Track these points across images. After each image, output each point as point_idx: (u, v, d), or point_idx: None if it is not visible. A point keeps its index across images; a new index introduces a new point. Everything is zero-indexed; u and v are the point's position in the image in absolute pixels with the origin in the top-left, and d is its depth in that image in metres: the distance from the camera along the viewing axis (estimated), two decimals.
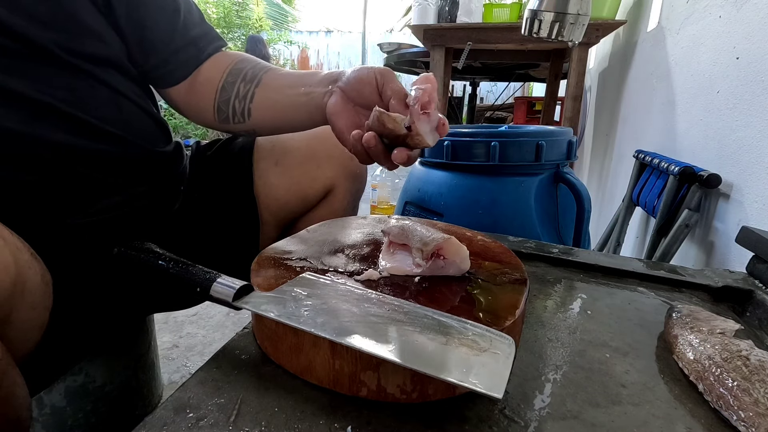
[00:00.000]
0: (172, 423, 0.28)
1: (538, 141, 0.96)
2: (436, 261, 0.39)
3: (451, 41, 1.83)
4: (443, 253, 0.39)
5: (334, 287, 0.35)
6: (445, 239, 0.40)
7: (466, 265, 0.40)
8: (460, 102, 3.79)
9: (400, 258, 0.42)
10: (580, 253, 0.62)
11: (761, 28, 0.90)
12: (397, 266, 0.41)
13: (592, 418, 0.30)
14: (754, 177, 0.89)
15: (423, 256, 0.39)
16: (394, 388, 0.30)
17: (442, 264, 0.40)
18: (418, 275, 0.40)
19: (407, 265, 0.40)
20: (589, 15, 0.83)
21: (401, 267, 0.40)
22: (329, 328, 0.29)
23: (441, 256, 0.39)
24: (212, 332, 1.12)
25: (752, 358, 0.34)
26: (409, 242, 0.41)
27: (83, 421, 0.66)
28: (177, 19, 0.54)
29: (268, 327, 0.34)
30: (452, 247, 0.40)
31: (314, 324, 0.30)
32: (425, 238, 0.40)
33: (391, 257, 0.42)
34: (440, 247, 0.39)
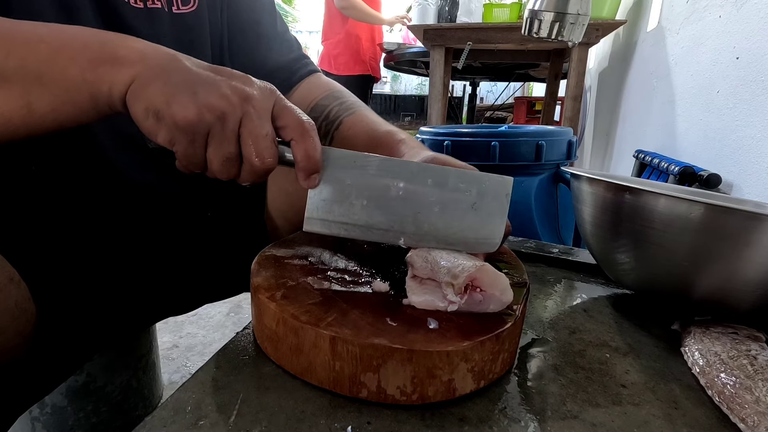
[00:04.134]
0: (172, 423, 0.28)
1: (538, 141, 0.96)
2: (473, 295, 0.33)
3: (451, 41, 1.83)
4: (479, 285, 0.33)
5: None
6: (477, 267, 0.33)
7: (508, 296, 0.34)
8: (460, 102, 3.79)
9: (430, 290, 0.35)
10: (580, 253, 0.62)
11: (761, 28, 0.90)
12: (427, 301, 0.34)
13: (592, 418, 0.30)
14: (754, 177, 0.89)
15: (455, 291, 0.33)
16: (394, 390, 0.30)
17: (480, 298, 0.34)
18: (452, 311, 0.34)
19: (439, 300, 0.34)
20: (589, 15, 0.83)
21: (432, 302, 0.34)
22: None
23: (477, 288, 0.33)
24: (212, 332, 1.12)
25: (760, 358, 0.35)
26: (435, 276, 0.35)
27: (84, 421, 0.66)
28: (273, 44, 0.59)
29: (268, 327, 0.34)
30: (488, 277, 0.33)
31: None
32: (454, 269, 0.34)
33: (420, 288, 0.35)
34: (474, 278, 0.33)
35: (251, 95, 0.32)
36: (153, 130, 0.31)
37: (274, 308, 0.32)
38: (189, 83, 0.30)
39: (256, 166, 0.33)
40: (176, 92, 0.30)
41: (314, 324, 0.30)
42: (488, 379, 0.32)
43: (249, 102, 0.31)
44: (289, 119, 0.33)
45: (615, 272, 0.48)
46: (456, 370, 0.30)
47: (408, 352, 0.29)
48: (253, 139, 0.32)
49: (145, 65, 0.30)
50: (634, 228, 0.42)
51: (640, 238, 0.41)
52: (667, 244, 0.39)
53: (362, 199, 0.37)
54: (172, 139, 0.31)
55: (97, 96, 0.30)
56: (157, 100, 0.30)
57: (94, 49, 0.30)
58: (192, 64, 0.32)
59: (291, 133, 0.34)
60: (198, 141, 0.31)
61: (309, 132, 0.34)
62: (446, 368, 0.30)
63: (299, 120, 0.34)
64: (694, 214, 0.37)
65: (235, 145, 0.32)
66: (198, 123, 0.30)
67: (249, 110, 0.31)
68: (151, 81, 0.30)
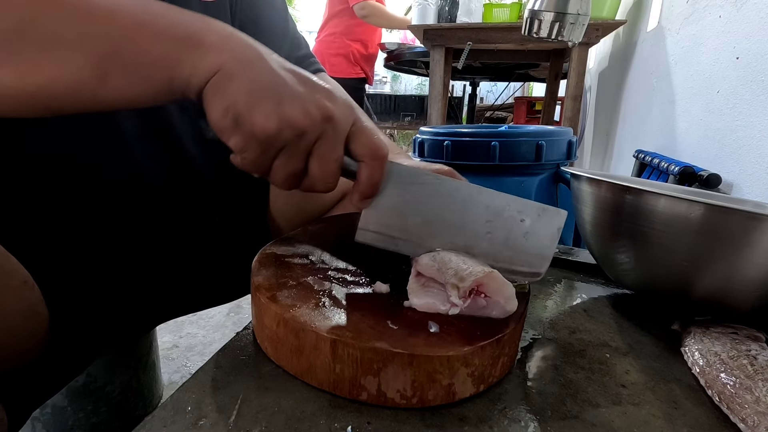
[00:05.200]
0: (172, 423, 0.28)
1: (538, 141, 0.96)
2: (477, 300, 0.33)
3: (451, 41, 1.83)
4: (484, 291, 0.33)
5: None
6: (486, 273, 0.33)
7: (512, 305, 0.33)
8: (460, 102, 3.79)
9: (432, 292, 0.35)
10: (580, 253, 0.62)
11: (761, 28, 0.90)
12: (429, 303, 0.34)
13: (592, 418, 0.30)
14: (754, 177, 0.89)
15: (459, 294, 0.33)
16: (394, 393, 0.30)
17: (484, 303, 0.34)
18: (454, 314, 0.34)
19: (441, 303, 0.34)
20: (589, 15, 0.83)
21: (434, 305, 0.34)
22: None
23: (482, 294, 0.33)
24: (212, 332, 1.12)
25: (760, 358, 0.35)
26: (441, 277, 0.35)
27: (84, 421, 0.66)
28: (284, 41, 0.59)
29: (269, 328, 0.34)
30: (495, 284, 0.33)
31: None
32: (461, 271, 0.33)
33: (422, 290, 0.35)
34: (480, 283, 0.33)
35: (333, 115, 0.31)
36: (227, 133, 0.29)
37: (275, 309, 0.32)
38: (275, 89, 0.29)
39: (317, 187, 0.33)
40: (261, 97, 0.28)
41: (315, 326, 0.30)
42: (488, 382, 0.32)
43: (329, 122, 0.30)
44: (364, 142, 0.33)
45: (615, 272, 0.48)
46: (456, 374, 0.30)
47: (409, 356, 0.29)
48: (323, 162, 0.31)
49: (233, 56, 0.29)
50: (634, 228, 0.42)
51: (640, 238, 0.41)
52: (667, 244, 0.39)
53: (417, 216, 0.37)
54: (245, 146, 0.30)
55: (175, 79, 0.29)
56: (239, 101, 0.28)
57: (179, 29, 0.29)
58: (277, 65, 0.30)
59: (363, 156, 0.33)
60: (270, 153, 0.30)
61: (380, 159, 0.33)
62: (446, 373, 0.29)
63: (374, 145, 0.33)
64: (694, 214, 0.37)
65: (304, 162, 0.31)
66: (276, 137, 0.29)
67: (327, 130, 0.31)
68: (236, 77, 0.28)
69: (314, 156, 0.31)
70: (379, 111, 3.93)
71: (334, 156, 0.32)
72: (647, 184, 0.64)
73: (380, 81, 4.82)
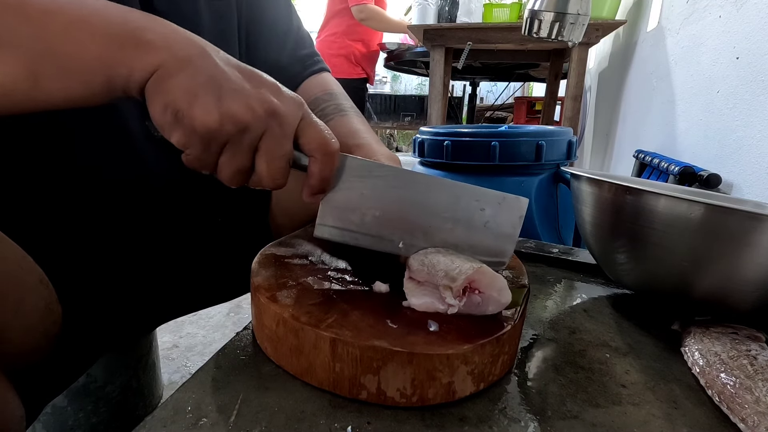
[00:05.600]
0: (172, 423, 0.28)
1: (538, 141, 0.96)
2: (472, 297, 0.33)
3: (451, 41, 1.83)
4: (477, 287, 0.33)
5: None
6: (475, 269, 0.33)
7: (506, 297, 0.34)
8: (460, 102, 3.79)
9: (429, 291, 0.35)
10: (580, 253, 0.62)
11: (761, 28, 0.90)
12: (427, 303, 0.34)
13: (592, 418, 0.30)
14: (754, 177, 0.89)
15: (454, 294, 0.33)
16: (394, 392, 0.30)
17: (479, 300, 0.34)
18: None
19: (439, 302, 0.34)
20: (589, 15, 0.83)
21: (432, 304, 0.34)
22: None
23: (476, 290, 0.33)
24: (212, 332, 1.12)
25: (760, 358, 0.35)
26: (432, 279, 0.35)
27: (84, 421, 0.66)
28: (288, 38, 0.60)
29: (269, 328, 0.34)
30: (486, 278, 0.33)
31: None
32: (451, 271, 0.33)
33: (419, 290, 0.35)
34: (472, 280, 0.33)
35: (278, 110, 0.30)
36: (168, 129, 0.29)
37: (274, 309, 0.32)
38: (216, 84, 0.29)
39: (265, 184, 0.32)
40: (201, 92, 0.28)
41: (314, 325, 0.30)
42: (488, 381, 0.32)
43: (274, 117, 0.30)
44: (313, 136, 0.32)
45: (615, 272, 0.48)
46: (456, 372, 0.30)
47: (408, 354, 0.29)
48: (269, 158, 0.31)
49: (172, 54, 0.28)
50: (634, 228, 0.42)
51: (640, 238, 0.41)
52: (667, 244, 0.39)
53: (375, 209, 0.37)
54: (187, 143, 0.29)
55: (114, 79, 0.28)
56: (179, 97, 0.28)
57: (117, 27, 0.28)
58: (221, 61, 0.30)
59: (312, 151, 0.33)
60: (213, 148, 0.30)
61: (330, 154, 0.33)
62: (446, 371, 0.30)
63: (323, 140, 0.33)
64: (694, 214, 0.37)
65: (250, 158, 0.31)
66: (217, 131, 0.29)
67: (273, 126, 0.30)
68: (176, 73, 0.28)
69: (260, 152, 0.31)
70: (379, 111, 3.93)
71: (281, 152, 0.31)
72: (647, 184, 0.64)
73: (380, 81, 4.81)
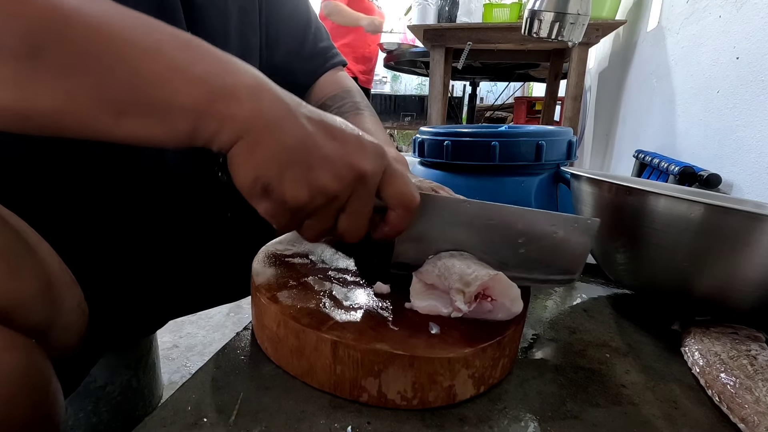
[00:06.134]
0: (172, 423, 0.28)
1: (538, 141, 0.96)
2: (483, 303, 0.33)
3: (451, 41, 1.83)
4: (490, 294, 0.33)
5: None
6: (491, 276, 0.32)
7: (518, 306, 0.33)
8: (460, 102, 3.79)
9: (435, 295, 0.35)
10: None
11: (761, 28, 0.90)
12: (431, 306, 0.34)
13: (592, 418, 0.30)
14: (754, 177, 0.89)
15: (465, 300, 0.32)
16: (395, 395, 0.30)
17: (490, 308, 0.33)
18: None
19: (443, 305, 0.34)
20: (589, 15, 0.83)
21: (436, 308, 0.34)
22: None
23: (488, 297, 0.33)
24: (212, 332, 1.12)
25: (760, 358, 0.35)
26: (443, 283, 0.34)
27: (84, 421, 0.66)
28: (309, 32, 0.60)
29: (269, 328, 0.34)
30: (501, 286, 0.33)
31: None
32: (466, 276, 0.33)
33: (425, 293, 0.35)
34: (486, 287, 0.32)
35: (365, 174, 0.29)
36: (256, 200, 0.29)
37: (275, 310, 0.32)
38: (304, 152, 0.28)
39: (346, 239, 0.32)
40: (290, 164, 0.27)
41: (316, 327, 0.30)
42: (488, 384, 0.32)
43: (361, 181, 0.29)
44: (396, 190, 0.32)
45: (615, 272, 0.48)
46: (457, 376, 0.30)
47: (410, 358, 0.29)
48: (354, 218, 0.31)
49: (261, 117, 0.27)
50: (634, 228, 0.42)
51: (640, 239, 0.41)
52: (667, 244, 0.39)
53: (449, 243, 0.37)
54: (276, 214, 0.29)
55: (200, 131, 0.26)
56: (269, 170, 0.27)
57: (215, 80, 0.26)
58: (306, 120, 0.29)
59: (392, 205, 0.32)
60: (300, 217, 0.30)
61: (410, 210, 0.32)
62: (447, 374, 0.29)
63: (406, 195, 0.32)
64: (694, 214, 0.37)
65: (334, 220, 0.31)
66: (308, 204, 0.28)
67: (359, 189, 0.30)
68: (265, 140, 0.27)
69: (345, 213, 0.31)
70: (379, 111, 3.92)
71: (365, 211, 0.31)
72: (647, 184, 0.64)
73: (380, 81, 4.82)
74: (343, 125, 0.31)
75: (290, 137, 0.28)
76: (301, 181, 0.28)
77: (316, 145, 0.28)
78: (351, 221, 0.31)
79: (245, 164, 0.27)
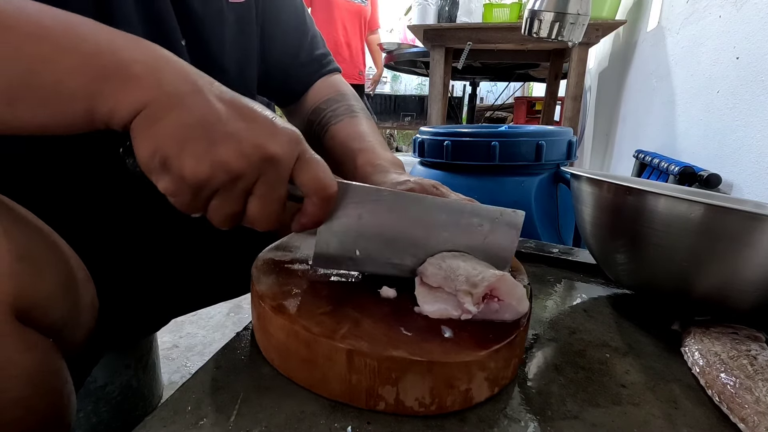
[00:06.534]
0: (172, 423, 0.28)
1: (538, 141, 0.96)
2: (490, 304, 0.33)
3: (451, 41, 1.83)
4: (498, 294, 0.33)
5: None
6: (497, 277, 0.32)
7: (524, 306, 0.33)
8: (460, 102, 3.79)
9: (442, 298, 0.34)
10: (580, 253, 0.62)
11: (761, 28, 0.90)
12: (441, 310, 0.33)
13: (592, 418, 0.30)
14: (754, 177, 0.89)
15: (474, 301, 0.32)
16: (413, 402, 0.29)
17: (497, 308, 0.33)
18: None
19: (453, 308, 0.33)
20: (589, 15, 0.83)
21: (446, 311, 0.33)
22: None
23: (495, 298, 0.33)
24: (212, 332, 1.12)
25: (760, 358, 0.35)
26: (449, 284, 0.34)
27: (84, 421, 0.66)
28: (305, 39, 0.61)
29: (276, 338, 0.32)
30: (507, 286, 0.33)
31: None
32: (472, 277, 0.33)
33: (432, 296, 0.35)
34: (493, 288, 0.32)
35: (274, 155, 0.28)
36: (156, 175, 0.27)
37: (282, 320, 0.31)
38: (207, 128, 0.27)
39: (258, 227, 0.31)
40: (191, 138, 0.26)
41: (328, 336, 0.29)
42: (500, 384, 0.32)
43: (270, 162, 0.28)
44: (310, 177, 0.31)
45: (615, 272, 0.48)
46: (474, 379, 0.30)
47: (428, 364, 0.28)
48: (263, 203, 0.29)
49: (161, 91, 0.26)
50: (634, 228, 0.42)
51: (640, 238, 0.41)
52: (667, 244, 0.39)
53: (375, 235, 0.36)
54: (175, 191, 0.28)
55: (95, 112, 0.26)
56: (167, 143, 0.26)
57: (105, 57, 0.26)
58: (214, 97, 0.28)
59: (308, 193, 0.31)
60: (203, 196, 0.28)
61: (327, 197, 0.32)
62: (465, 378, 0.29)
63: (321, 182, 0.31)
64: (694, 214, 0.37)
65: (242, 203, 0.29)
66: (208, 181, 0.27)
67: (267, 171, 0.28)
68: (165, 114, 0.26)
69: (253, 197, 0.29)
70: (379, 111, 3.93)
71: (275, 197, 0.29)
72: (647, 184, 0.64)
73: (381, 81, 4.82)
74: (258, 108, 0.30)
75: (193, 112, 0.27)
76: (202, 156, 0.26)
77: (221, 122, 0.27)
78: (260, 206, 0.29)
79: (143, 137, 0.26)
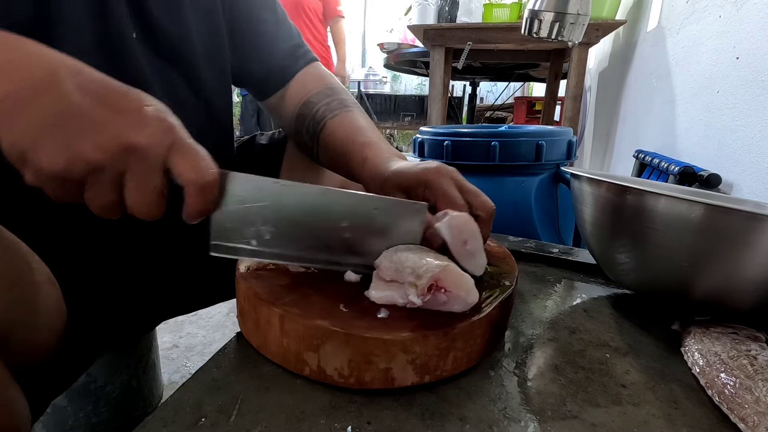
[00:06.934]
0: (172, 423, 0.28)
1: (538, 141, 0.96)
2: (437, 295, 0.33)
3: (451, 41, 1.83)
4: (444, 285, 0.33)
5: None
6: (441, 268, 0.32)
7: (473, 297, 0.34)
8: (460, 102, 3.79)
9: (394, 287, 0.35)
10: (580, 253, 0.62)
11: (761, 28, 0.90)
12: (387, 296, 0.34)
13: (592, 418, 0.30)
14: (754, 177, 0.89)
15: (418, 292, 0.33)
16: (332, 371, 0.31)
17: (445, 299, 0.33)
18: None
19: (400, 296, 0.34)
20: (589, 15, 0.83)
21: (392, 297, 0.34)
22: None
23: (442, 289, 0.33)
24: (212, 332, 1.12)
25: (760, 358, 0.35)
26: (400, 276, 0.35)
27: (84, 421, 0.66)
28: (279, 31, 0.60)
29: (240, 304, 0.37)
30: (452, 277, 0.33)
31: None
32: (418, 269, 0.33)
33: (385, 285, 0.35)
34: (438, 278, 0.33)
35: (136, 145, 0.27)
36: (18, 167, 0.27)
37: (244, 286, 0.36)
38: (62, 120, 0.26)
39: (140, 216, 0.30)
40: (45, 132, 0.26)
41: (271, 302, 0.33)
42: (435, 375, 0.32)
43: (133, 153, 0.27)
44: (183, 167, 0.29)
45: (615, 272, 0.48)
46: (394, 359, 0.30)
47: (345, 335, 0.30)
48: (137, 194, 0.29)
49: (16, 85, 0.26)
50: (634, 228, 0.42)
51: (640, 238, 0.41)
52: (667, 244, 0.39)
53: (270, 225, 0.35)
54: (39, 183, 0.27)
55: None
56: (23, 138, 0.26)
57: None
58: (75, 87, 0.27)
59: (183, 181, 0.30)
60: (69, 187, 0.28)
61: (204, 186, 0.30)
62: (383, 356, 0.30)
63: (196, 171, 0.30)
64: (694, 214, 0.37)
65: (117, 194, 0.29)
66: (66, 174, 0.27)
67: (132, 163, 0.28)
68: (19, 110, 0.26)
69: (126, 188, 0.29)
70: (379, 111, 3.93)
71: (148, 187, 0.29)
72: (647, 184, 0.64)
73: (380, 81, 4.81)
74: (130, 96, 0.29)
75: (48, 106, 0.26)
76: (57, 149, 0.26)
77: (80, 114, 0.27)
78: (136, 197, 0.29)
79: (3, 129, 0.26)
